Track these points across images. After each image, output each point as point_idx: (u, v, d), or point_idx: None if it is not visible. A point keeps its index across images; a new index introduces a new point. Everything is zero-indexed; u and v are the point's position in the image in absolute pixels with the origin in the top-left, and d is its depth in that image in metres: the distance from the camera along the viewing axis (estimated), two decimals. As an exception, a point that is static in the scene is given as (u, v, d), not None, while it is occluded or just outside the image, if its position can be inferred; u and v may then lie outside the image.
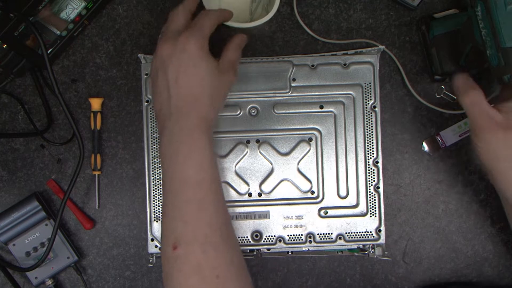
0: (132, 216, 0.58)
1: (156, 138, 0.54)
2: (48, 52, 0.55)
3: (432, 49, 0.54)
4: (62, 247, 0.56)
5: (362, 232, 0.54)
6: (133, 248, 0.58)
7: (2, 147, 0.58)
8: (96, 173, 0.58)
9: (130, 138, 0.58)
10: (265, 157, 0.54)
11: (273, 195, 0.55)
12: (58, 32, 0.56)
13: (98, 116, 0.57)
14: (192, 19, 0.49)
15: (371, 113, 0.54)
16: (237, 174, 0.55)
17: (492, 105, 0.46)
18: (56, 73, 0.58)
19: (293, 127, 0.55)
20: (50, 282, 0.57)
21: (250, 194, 0.55)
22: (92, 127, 0.57)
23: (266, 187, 0.54)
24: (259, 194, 0.55)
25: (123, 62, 0.58)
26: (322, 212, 0.54)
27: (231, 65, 0.49)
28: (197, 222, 0.43)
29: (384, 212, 0.54)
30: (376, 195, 0.54)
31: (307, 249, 0.55)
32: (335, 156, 0.54)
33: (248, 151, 0.55)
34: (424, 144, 0.58)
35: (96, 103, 0.57)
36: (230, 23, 0.53)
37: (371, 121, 0.54)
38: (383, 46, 0.55)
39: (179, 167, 0.44)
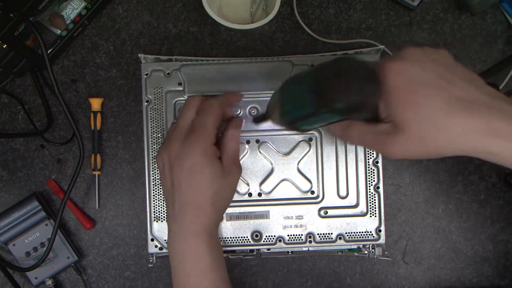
0: (132, 216, 0.58)
1: (156, 138, 0.54)
2: (48, 52, 0.55)
3: None
4: (62, 247, 0.56)
5: (362, 232, 0.54)
6: (133, 248, 0.58)
7: (2, 147, 0.58)
8: (96, 173, 0.58)
9: (130, 138, 0.58)
10: (265, 157, 0.54)
11: (273, 195, 0.55)
12: (58, 32, 0.56)
13: (98, 116, 0.57)
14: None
15: (371, 113, 0.54)
16: (237, 174, 0.55)
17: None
18: (56, 73, 0.58)
19: (293, 127, 0.55)
20: (50, 282, 0.57)
21: (250, 194, 0.54)
22: (92, 127, 0.57)
23: (266, 187, 0.54)
24: (259, 194, 0.55)
25: (123, 62, 0.58)
26: (322, 212, 0.54)
27: (233, 161, 0.49)
28: None
29: (384, 212, 0.54)
30: (376, 195, 0.54)
31: (307, 249, 0.55)
32: (335, 156, 0.54)
33: (248, 151, 0.55)
34: None
35: (96, 103, 0.57)
36: (231, 25, 0.53)
37: (371, 121, 0.54)
38: (383, 46, 0.55)
39: (183, 275, 0.46)
